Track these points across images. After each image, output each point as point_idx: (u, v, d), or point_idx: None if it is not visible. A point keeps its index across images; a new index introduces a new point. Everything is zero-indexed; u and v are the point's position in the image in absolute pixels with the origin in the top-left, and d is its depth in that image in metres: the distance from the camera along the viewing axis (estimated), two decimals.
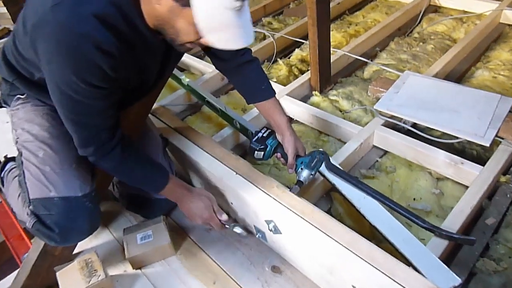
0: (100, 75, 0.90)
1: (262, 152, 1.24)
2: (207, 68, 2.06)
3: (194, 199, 1.17)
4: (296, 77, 2.05)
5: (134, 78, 1.05)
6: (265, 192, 1.14)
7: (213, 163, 1.27)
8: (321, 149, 1.28)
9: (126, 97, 1.09)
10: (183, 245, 1.32)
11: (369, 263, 0.91)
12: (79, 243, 1.27)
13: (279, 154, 1.26)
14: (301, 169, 1.21)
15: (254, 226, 1.23)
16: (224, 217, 1.19)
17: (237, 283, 1.18)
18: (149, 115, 1.49)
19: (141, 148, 1.21)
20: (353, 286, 0.95)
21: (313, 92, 1.88)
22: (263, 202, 1.12)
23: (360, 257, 0.93)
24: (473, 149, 1.52)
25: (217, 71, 1.35)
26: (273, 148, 1.25)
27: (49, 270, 1.19)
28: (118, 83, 0.97)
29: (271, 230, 1.13)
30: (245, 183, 1.18)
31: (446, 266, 1.00)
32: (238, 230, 1.20)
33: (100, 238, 1.38)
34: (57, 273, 1.15)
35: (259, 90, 1.23)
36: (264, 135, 1.25)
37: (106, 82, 0.92)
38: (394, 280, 0.88)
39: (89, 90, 0.91)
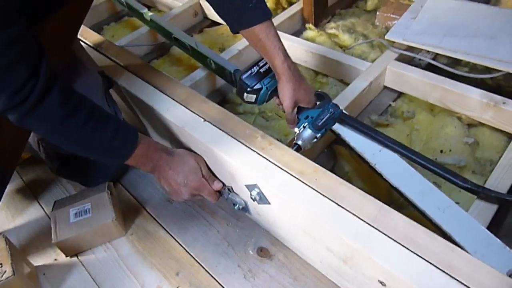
0: None
1: (255, 95, 0.89)
2: (176, 2, 1.74)
3: (175, 164, 0.84)
4: (285, 9, 1.71)
5: None
6: (245, 145, 0.81)
7: (173, 108, 0.93)
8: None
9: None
10: (136, 221, 1.00)
11: (409, 250, 0.59)
12: None
13: (278, 100, 0.91)
14: (304, 127, 0.89)
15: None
16: (217, 184, 0.88)
17: (209, 273, 0.87)
18: (89, 50, 1.12)
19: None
20: (380, 282, 0.63)
21: (307, 26, 1.57)
22: (242, 160, 0.80)
23: (394, 240, 0.60)
24: (511, 86, 1.22)
25: (189, 5, 1.05)
26: (269, 91, 0.90)
27: None
28: None
29: (254, 199, 0.81)
30: (216, 132, 0.85)
31: (500, 241, 0.77)
32: (236, 200, 0.90)
33: (26, 214, 1.07)
34: None
35: (247, 10, 0.82)
36: (262, 70, 0.89)
37: None
38: (449, 275, 0.56)
39: None
